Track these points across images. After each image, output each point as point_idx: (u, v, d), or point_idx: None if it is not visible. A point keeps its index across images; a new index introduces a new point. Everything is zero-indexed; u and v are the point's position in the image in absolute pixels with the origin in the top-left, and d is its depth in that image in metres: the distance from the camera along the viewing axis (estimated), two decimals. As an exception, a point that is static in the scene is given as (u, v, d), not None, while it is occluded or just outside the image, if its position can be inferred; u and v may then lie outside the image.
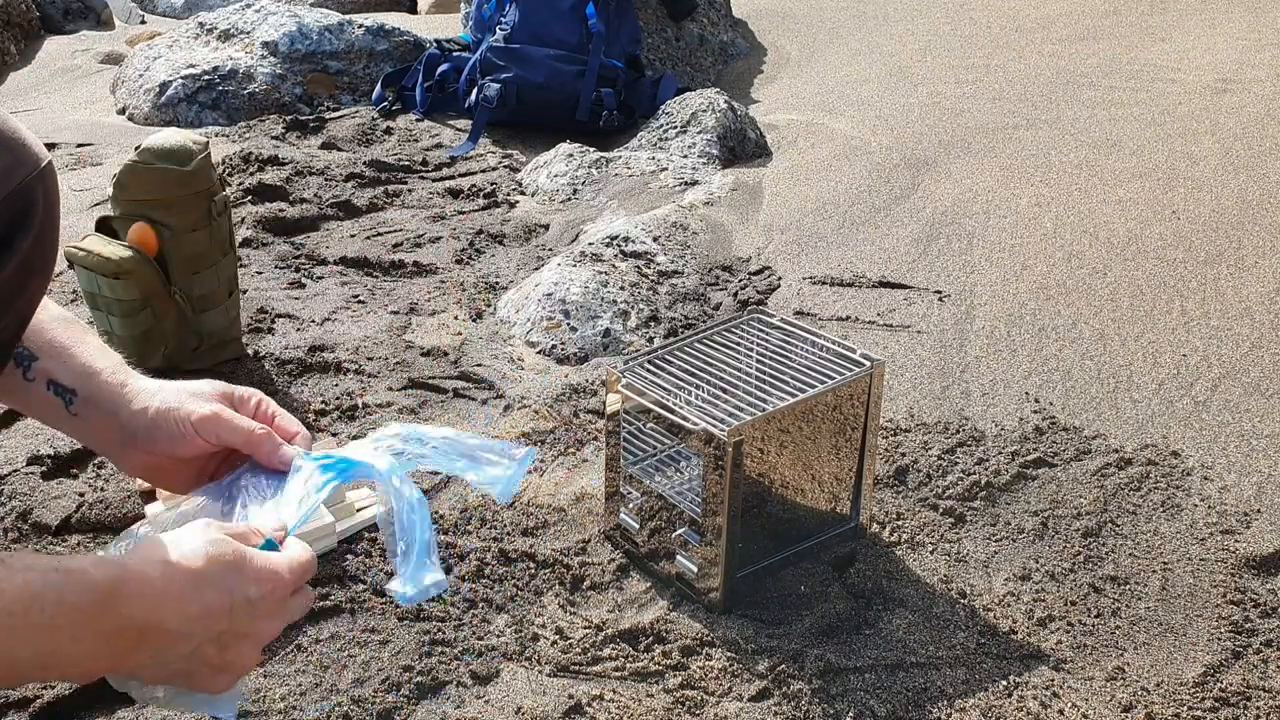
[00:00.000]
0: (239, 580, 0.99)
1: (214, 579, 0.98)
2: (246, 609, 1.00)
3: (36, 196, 1.01)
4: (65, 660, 0.91)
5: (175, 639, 0.97)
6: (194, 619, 0.97)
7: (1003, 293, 2.47)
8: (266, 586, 1.01)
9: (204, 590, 0.97)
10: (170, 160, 2.06)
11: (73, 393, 1.15)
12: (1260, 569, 1.68)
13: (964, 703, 1.46)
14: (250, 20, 4.10)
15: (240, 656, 1.02)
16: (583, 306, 2.38)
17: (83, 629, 0.91)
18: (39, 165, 1.02)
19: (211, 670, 1.01)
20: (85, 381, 1.15)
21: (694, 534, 1.60)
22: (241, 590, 0.99)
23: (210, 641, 0.99)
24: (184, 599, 0.96)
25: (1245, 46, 4.14)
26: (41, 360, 1.13)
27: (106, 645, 0.93)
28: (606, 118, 3.60)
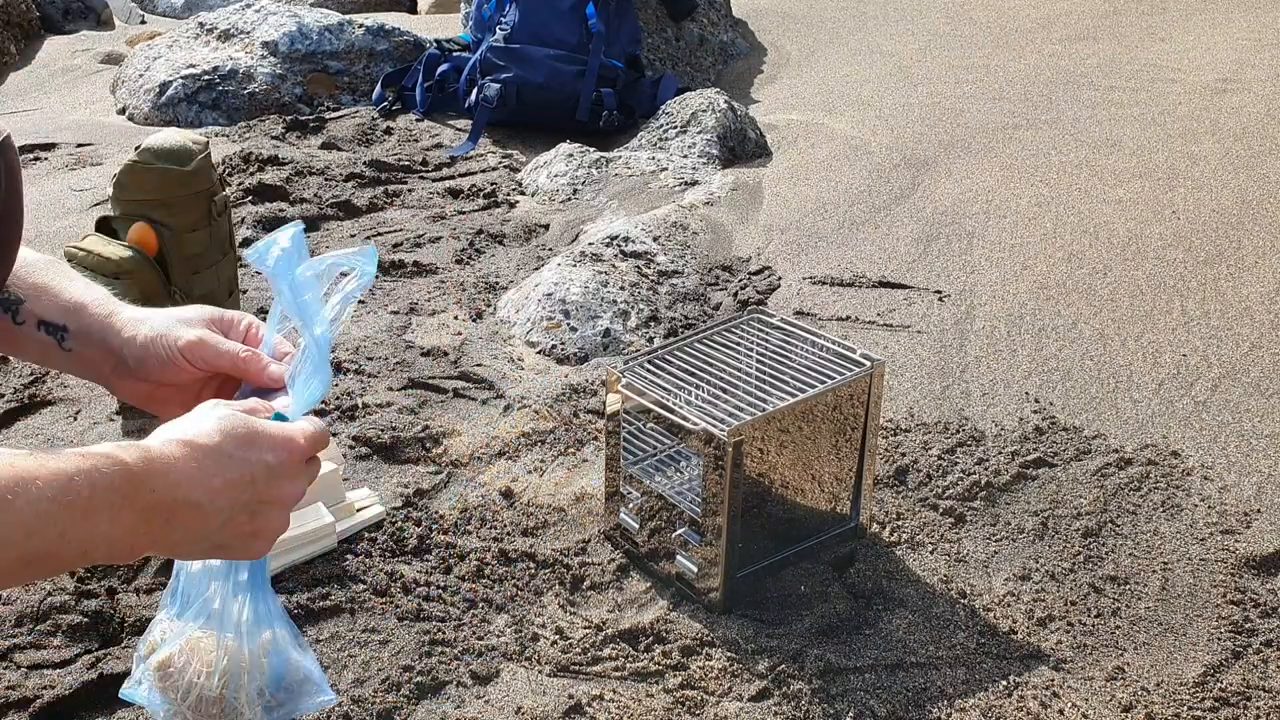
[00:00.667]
0: (255, 450, 1.03)
1: (231, 452, 1.01)
2: (267, 476, 1.03)
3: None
4: (106, 541, 0.93)
5: (205, 514, 0.99)
6: (218, 492, 1.00)
7: (1003, 293, 2.47)
8: (283, 453, 1.05)
9: (223, 464, 1.00)
10: (170, 160, 2.06)
11: (63, 329, 1.16)
12: (1260, 569, 1.68)
13: (964, 703, 1.46)
14: (250, 20, 4.10)
15: (270, 521, 1.05)
16: (583, 306, 2.38)
17: (119, 508, 0.93)
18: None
19: (244, 539, 1.04)
20: (74, 316, 1.16)
21: (694, 534, 1.60)
22: (259, 459, 1.03)
23: (240, 511, 1.02)
24: (206, 475, 0.99)
25: (1245, 46, 4.14)
26: (29, 303, 1.14)
27: (143, 523, 0.95)
28: (606, 118, 3.60)
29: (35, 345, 1.16)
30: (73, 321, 1.16)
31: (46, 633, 1.55)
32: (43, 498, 0.88)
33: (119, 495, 0.93)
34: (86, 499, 0.90)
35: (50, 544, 0.89)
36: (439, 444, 1.98)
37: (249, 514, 1.03)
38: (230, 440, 1.02)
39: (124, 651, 1.52)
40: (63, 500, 0.89)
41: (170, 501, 0.97)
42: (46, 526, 0.88)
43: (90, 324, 1.16)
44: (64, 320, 1.16)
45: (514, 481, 1.89)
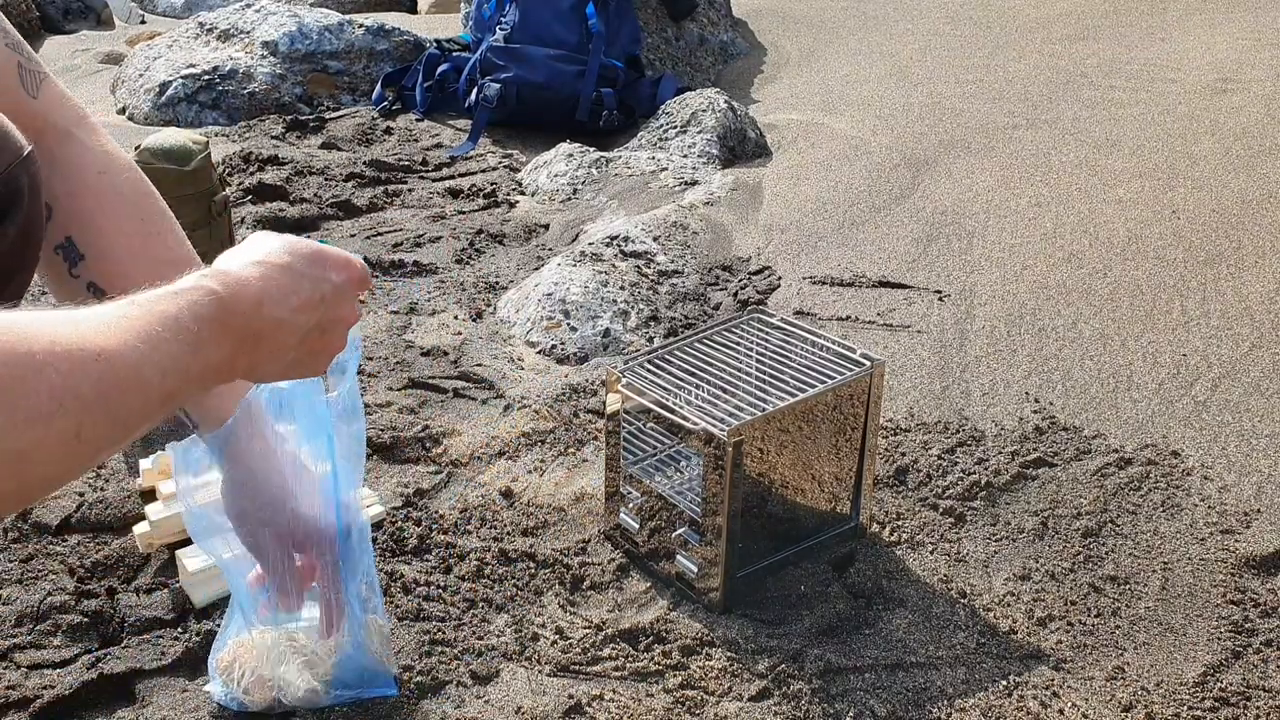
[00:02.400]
0: (323, 269, 1.09)
1: (304, 271, 1.07)
2: (335, 294, 1.09)
3: (22, 185, 1.02)
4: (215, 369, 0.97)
5: (287, 331, 1.05)
6: (297, 310, 1.05)
7: (1003, 293, 2.47)
8: (344, 273, 1.11)
9: (299, 282, 1.06)
10: (170, 160, 2.06)
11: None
12: (1260, 569, 1.68)
13: (964, 703, 1.46)
14: (250, 20, 4.10)
15: (335, 338, 1.12)
16: (583, 306, 2.38)
17: (221, 335, 0.97)
18: (22, 153, 1.02)
19: (314, 356, 1.11)
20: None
21: (694, 534, 1.60)
22: (327, 278, 1.09)
23: (314, 327, 1.08)
24: (285, 292, 1.04)
25: (1245, 46, 4.14)
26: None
27: (239, 346, 0.99)
28: (606, 118, 3.60)
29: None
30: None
31: (46, 633, 1.55)
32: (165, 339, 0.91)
33: (219, 324, 0.96)
34: (195, 333, 0.94)
35: (179, 381, 0.92)
36: (439, 444, 1.98)
37: (320, 330, 1.09)
38: (300, 259, 1.07)
39: (124, 651, 1.52)
40: (179, 338, 0.92)
41: (259, 322, 1.01)
42: (174, 365, 0.91)
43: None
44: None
45: (514, 481, 1.89)
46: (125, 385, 0.86)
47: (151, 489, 1.79)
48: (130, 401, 0.87)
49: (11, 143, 1.01)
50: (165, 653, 1.52)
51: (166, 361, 0.90)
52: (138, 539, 1.71)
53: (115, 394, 0.85)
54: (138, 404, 0.88)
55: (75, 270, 1.18)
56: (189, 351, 0.93)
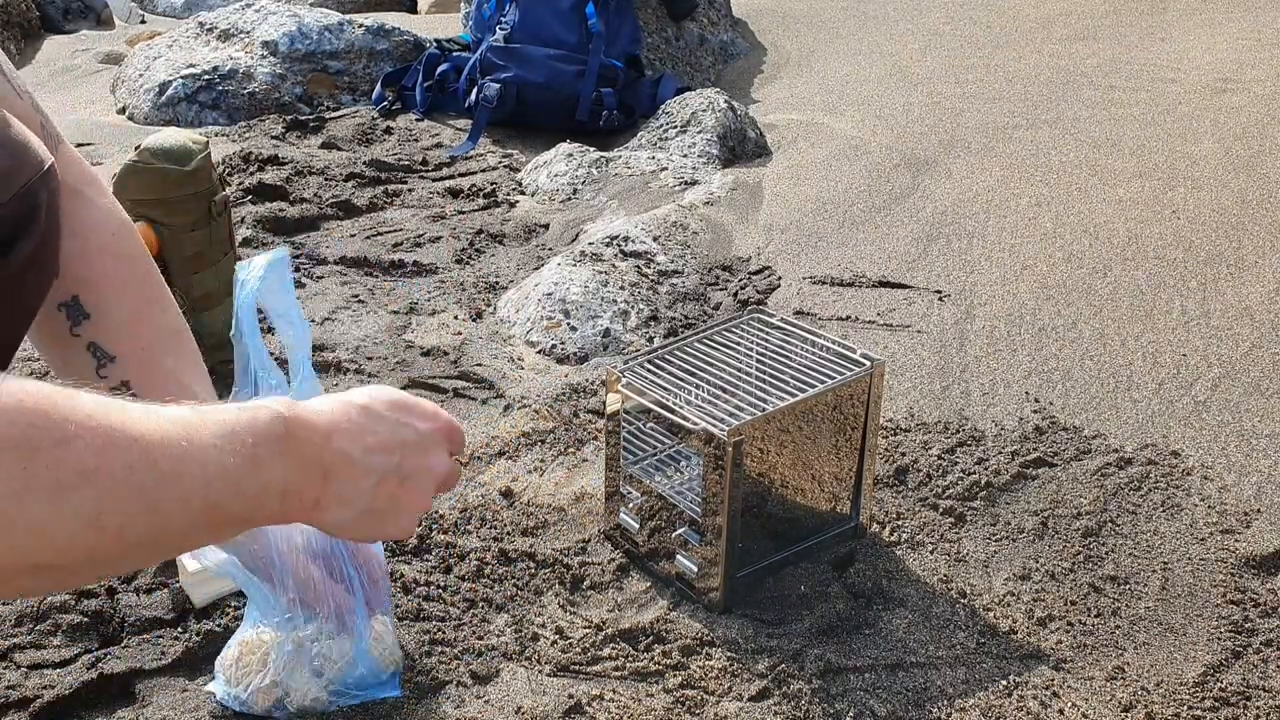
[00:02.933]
0: (406, 415, 1.06)
1: (383, 414, 1.04)
2: (417, 442, 1.05)
3: (40, 200, 1.01)
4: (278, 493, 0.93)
5: (358, 471, 1.00)
6: (371, 450, 1.01)
7: (1003, 293, 2.47)
8: (429, 423, 1.08)
9: (375, 423, 1.02)
10: (170, 160, 2.06)
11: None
12: (1260, 569, 1.68)
13: (964, 702, 1.46)
14: (250, 20, 4.10)
15: (419, 492, 1.07)
16: (583, 306, 2.38)
17: (281, 457, 0.93)
18: (42, 168, 1.01)
19: (394, 507, 1.05)
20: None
21: (694, 534, 1.60)
22: (410, 425, 1.05)
23: (391, 473, 1.03)
24: (359, 430, 1.01)
25: (1245, 46, 4.14)
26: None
27: (304, 475, 0.95)
28: (606, 117, 3.60)
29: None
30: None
31: (46, 633, 1.55)
32: (212, 446, 0.87)
33: (280, 444, 0.92)
34: (250, 448, 0.90)
35: (229, 492, 0.88)
36: (439, 444, 1.98)
37: (399, 478, 1.04)
38: (382, 402, 1.04)
39: (124, 651, 1.52)
40: (230, 448, 0.88)
41: (328, 454, 0.98)
42: (222, 473, 0.87)
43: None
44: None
45: (514, 481, 1.89)
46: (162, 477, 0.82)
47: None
48: (166, 496, 0.83)
49: (32, 157, 1.01)
50: (165, 653, 1.52)
51: (213, 467, 0.86)
52: (138, 539, 1.70)
53: (150, 484, 0.81)
54: (174, 502, 0.84)
55: (77, 329, 1.15)
56: (240, 464, 0.89)
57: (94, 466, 0.78)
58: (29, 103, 1.18)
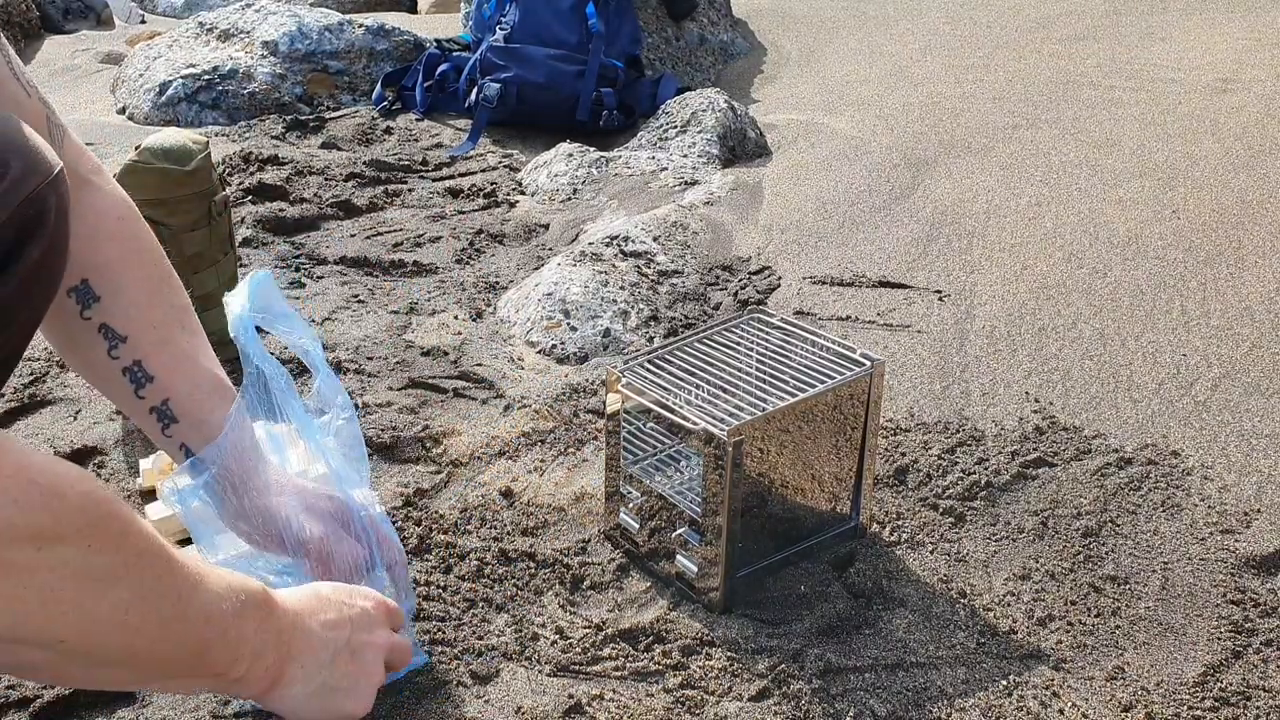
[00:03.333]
0: (350, 596, 1.21)
1: (330, 597, 1.20)
2: (363, 618, 1.20)
3: (49, 205, 1.01)
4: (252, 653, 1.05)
5: (316, 645, 1.14)
6: (329, 626, 1.15)
7: (1003, 292, 2.47)
8: (370, 601, 1.24)
9: (326, 605, 1.18)
10: (170, 160, 2.06)
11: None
12: (1260, 569, 1.68)
13: (964, 702, 1.46)
14: (250, 20, 4.10)
15: (369, 665, 1.21)
16: (583, 306, 2.38)
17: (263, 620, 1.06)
18: (51, 173, 1.01)
19: (352, 680, 1.19)
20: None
21: (694, 534, 1.60)
22: (354, 604, 1.20)
23: (342, 649, 1.17)
24: (317, 610, 1.16)
25: (1245, 46, 4.14)
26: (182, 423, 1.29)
27: (273, 643, 1.08)
28: (606, 117, 3.60)
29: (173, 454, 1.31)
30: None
31: (46, 632, 1.55)
32: (214, 589, 0.98)
33: (262, 609, 1.05)
34: (240, 605, 1.02)
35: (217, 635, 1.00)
36: (439, 444, 1.98)
37: (350, 652, 1.18)
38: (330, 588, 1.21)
39: (124, 651, 1.52)
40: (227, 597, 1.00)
41: (291, 628, 1.10)
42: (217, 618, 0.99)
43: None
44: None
45: (514, 481, 1.89)
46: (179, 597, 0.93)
47: (151, 489, 1.79)
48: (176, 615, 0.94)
49: (42, 163, 1.01)
50: (165, 653, 1.52)
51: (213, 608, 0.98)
52: (138, 539, 1.70)
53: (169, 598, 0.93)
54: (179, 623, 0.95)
55: (87, 313, 1.18)
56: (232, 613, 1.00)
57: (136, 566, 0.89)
58: (36, 98, 1.19)
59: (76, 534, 0.83)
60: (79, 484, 0.84)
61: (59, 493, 0.82)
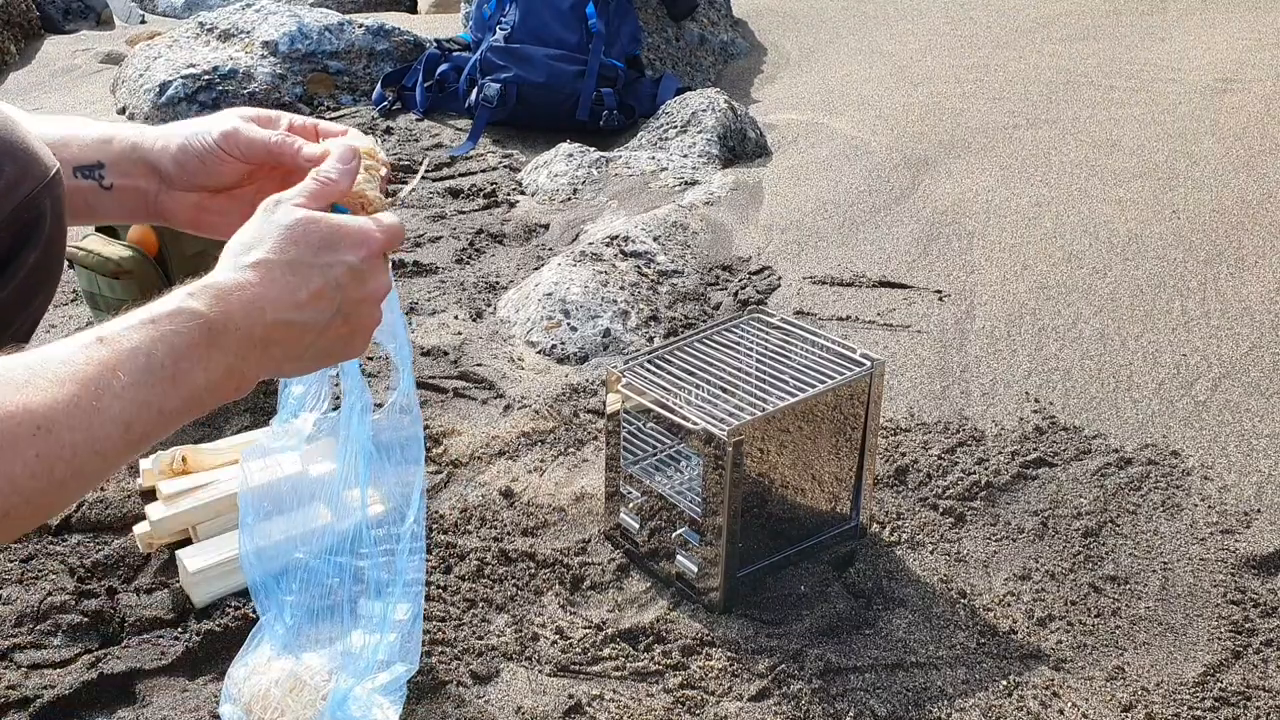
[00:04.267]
0: (334, 253, 0.98)
1: (310, 261, 0.97)
2: (353, 277, 0.99)
3: (44, 209, 1.00)
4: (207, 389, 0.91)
5: (299, 330, 0.96)
6: (306, 305, 0.96)
7: (1003, 293, 2.47)
8: (362, 249, 1.00)
9: (305, 275, 0.96)
10: (170, 160, 2.06)
11: (99, 165, 1.11)
12: (1260, 569, 1.68)
13: (964, 702, 1.46)
14: (250, 20, 4.10)
15: (364, 319, 1.02)
16: (583, 306, 2.38)
17: (210, 359, 0.90)
18: (47, 176, 1.00)
19: (344, 341, 1.01)
20: (104, 149, 1.11)
21: (694, 534, 1.60)
22: (340, 260, 0.98)
23: (334, 316, 0.98)
24: (291, 291, 0.95)
25: (1245, 46, 4.14)
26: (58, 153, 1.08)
27: (239, 359, 0.92)
28: (607, 117, 3.60)
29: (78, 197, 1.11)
30: (104, 154, 1.11)
31: (46, 633, 1.55)
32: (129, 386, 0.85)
33: (203, 348, 0.90)
34: (173, 366, 0.88)
35: (151, 421, 0.87)
36: (439, 444, 1.98)
37: (343, 317, 1.00)
38: (306, 248, 0.97)
39: (124, 651, 1.52)
40: (149, 381, 0.87)
41: (261, 329, 0.94)
42: (141, 412, 0.86)
43: (123, 149, 1.11)
44: (96, 157, 1.11)
45: (514, 481, 1.89)
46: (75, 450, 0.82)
47: (152, 489, 1.79)
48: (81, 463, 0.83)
49: (37, 167, 1.00)
50: (165, 653, 1.52)
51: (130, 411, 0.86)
52: (138, 539, 1.71)
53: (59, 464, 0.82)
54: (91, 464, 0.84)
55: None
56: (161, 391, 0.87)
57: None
58: None
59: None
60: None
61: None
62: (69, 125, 1.12)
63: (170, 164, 1.10)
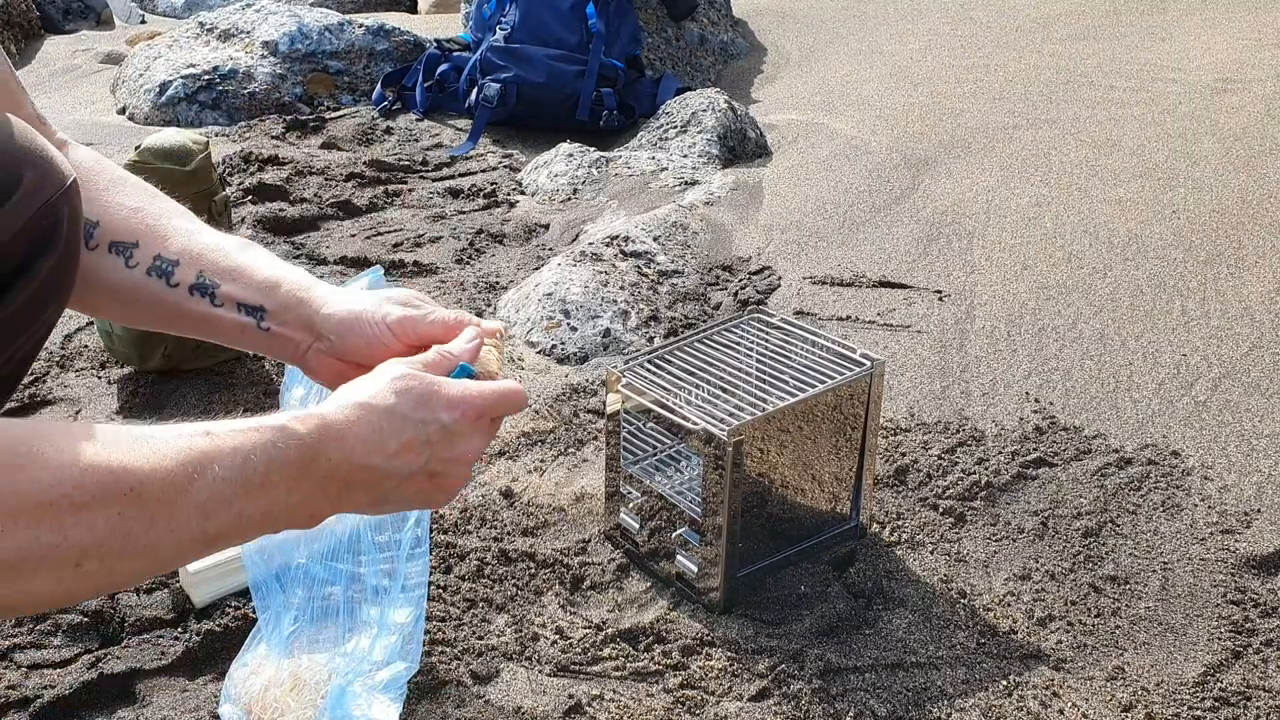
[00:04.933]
0: (429, 410, 1.03)
1: (406, 414, 1.01)
2: (444, 437, 1.03)
3: (62, 215, 1.00)
4: (285, 509, 0.95)
5: (381, 477, 1.01)
6: (394, 456, 1.00)
7: (1003, 293, 2.47)
8: (457, 412, 1.04)
9: (399, 426, 1.01)
10: (170, 160, 2.06)
11: (261, 309, 1.15)
12: (1260, 569, 1.68)
13: (964, 703, 1.46)
14: (250, 20, 4.10)
15: (449, 478, 1.06)
16: (583, 306, 2.38)
17: (296, 481, 0.94)
18: (64, 184, 1.00)
19: (424, 495, 1.06)
20: (271, 294, 1.16)
21: (694, 534, 1.60)
22: (434, 420, 1.03)
23: (419, 472, 1.03)
24: (381, 438, 1.00)
25: (1245, 46, 4.14)
26: (225, 286, 1.14)
27: (321, 491, 0.97)
28: (607, 117, 3.60)
29: (232, 327, 1.16)
30: (270, 300, 1.15)
31: (46, 632, 1.55)
32: (220, 479, 0.89)
33: (295, 469, 0.94)
34: (263, 475, 0.92)
35: (228, 523, 0.91)
36: (439, 444, 1.98)
37: (427, 473, 1.04)
38: (405, 400, 1.02)
39: (124, 651, 1.52)
40: (239, 480, 0.90)
41: (347, 468, 0.98)
42: (223, 508, 0.90)
43: (288, 300, 1.16)
44: (261, 300, 1.15)
45: (514, 481, 1.89)
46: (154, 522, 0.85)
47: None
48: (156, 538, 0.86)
49: (55, 175, 1.00)
50: (165, 653, 1.52)
51: (214, 504, 0.89)
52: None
53: (137, 529, 0.84)
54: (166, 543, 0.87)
55: (92, 242, 1.14)
56: (245, 494, 0.91)
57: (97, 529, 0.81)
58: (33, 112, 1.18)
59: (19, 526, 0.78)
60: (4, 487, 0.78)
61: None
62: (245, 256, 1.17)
63: (331, 332, 1.15)
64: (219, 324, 1.16)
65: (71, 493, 0.81)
